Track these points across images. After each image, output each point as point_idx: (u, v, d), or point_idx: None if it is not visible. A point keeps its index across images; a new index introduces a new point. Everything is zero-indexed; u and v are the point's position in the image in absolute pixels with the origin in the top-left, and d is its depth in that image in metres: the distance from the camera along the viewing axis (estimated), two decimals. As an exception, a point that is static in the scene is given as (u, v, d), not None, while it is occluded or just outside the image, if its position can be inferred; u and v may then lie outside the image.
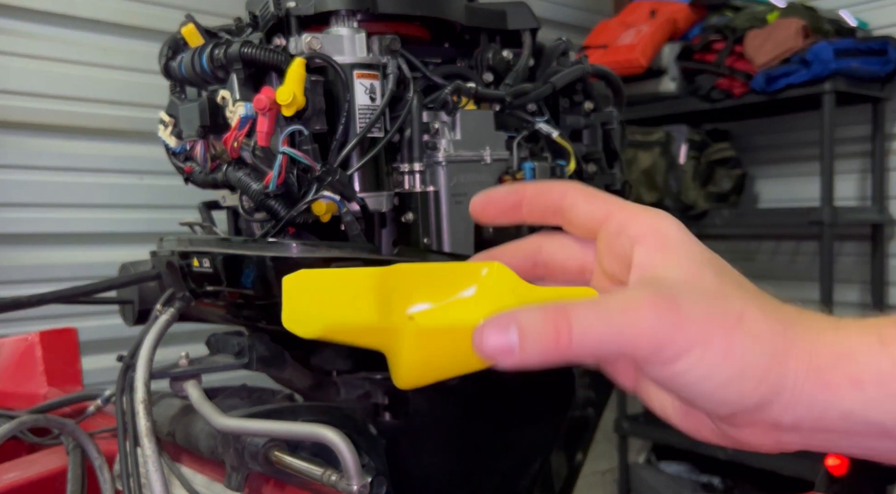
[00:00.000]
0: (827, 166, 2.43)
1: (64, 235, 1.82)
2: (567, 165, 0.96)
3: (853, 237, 2.83)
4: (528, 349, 0.33)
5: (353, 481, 0.66)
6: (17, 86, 1.73)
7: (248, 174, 0.79)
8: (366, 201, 0.80)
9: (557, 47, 1.00)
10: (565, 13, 3.10)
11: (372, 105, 0.80)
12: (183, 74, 0.86)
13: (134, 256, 1.11)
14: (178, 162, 0.90)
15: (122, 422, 0.77)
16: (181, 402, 0.86)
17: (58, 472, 0.84)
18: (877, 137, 2.70)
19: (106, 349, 1.55)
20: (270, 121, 0.77)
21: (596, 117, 1.02)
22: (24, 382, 1.06)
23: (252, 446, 0.72)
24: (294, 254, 0.74)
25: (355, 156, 0.80)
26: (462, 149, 0.86)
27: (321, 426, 0.70)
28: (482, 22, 0.93)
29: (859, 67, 2.42)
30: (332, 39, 0.80)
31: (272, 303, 0.77)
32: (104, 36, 1.86)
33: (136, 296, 0.97)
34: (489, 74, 0.93)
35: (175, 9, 1.85)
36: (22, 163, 1.76)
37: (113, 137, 1.88)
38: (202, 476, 0.82)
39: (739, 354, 0.33)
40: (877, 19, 2.70)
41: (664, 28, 2.75)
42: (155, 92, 1.19)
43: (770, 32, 2.50)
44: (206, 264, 0.81)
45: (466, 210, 0.90)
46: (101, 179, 1.87)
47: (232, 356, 0.87)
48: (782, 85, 2.47)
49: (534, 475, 0.98)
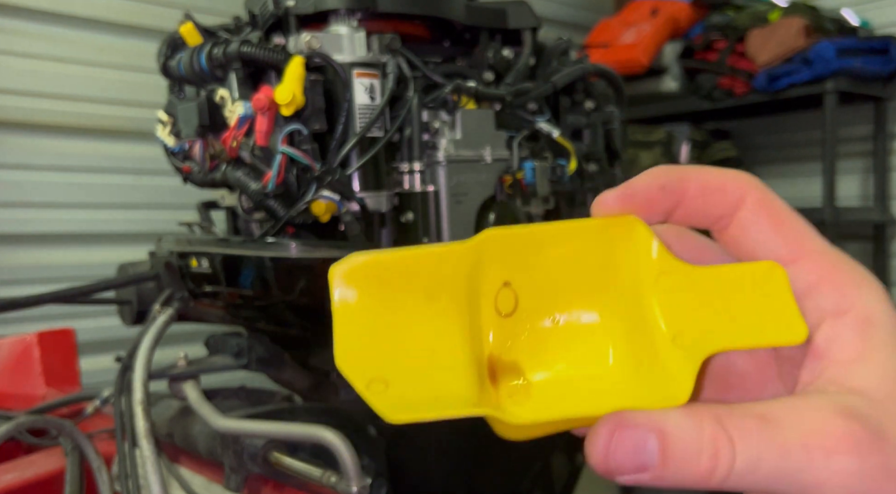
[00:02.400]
0: (829, 166, 2.42)
1: (61, 235, 1.82)
2: (568, 165, 0.96)
3: (855, 237, 2.83)
4: (670, 472, 0.24)
5: (352, 482, 0.66)
6: (14, 85, 1.73)
7: (247, 174, 0.79)
8: (365, 200, 0.80)
9: (558, 46, 1.00)
10: (566, 12, 3.09)
11: (371, 104, 0.80)
12: (181, 72, 0.86)
13: (132, 256, 1.11)
14: (177, 161, 0.90)
15: (121, 423, 0.76)
16: (180, 403, 0.86)
17: (56, 473, 0.83)
18: (879, 136, 2.69)
19: (104, 349, 1.54)
20: (269, 120, 0.76)
21: (597, 117, 1.02)
22: (21, 382, 1.06)
23: (251, 447, 0.72)
24: (293, 254, 0.74)
25: (355, 155, 0.79)
26: (462, 148, 0.86)
27: (320, 428, 0.69)
28: (482, 21, 0.92)
29: (861, 66, 2.42)
30: (332, 38, 0.79)
31: (271, 303, 0.77)
32: (102, 35, 1.85)
33: (134, 296, 0.97)
34: (489, 72, 0.93)
35: (174, 7, 1.85)
36: (19, 162, 1.76)
37: (111, 136, 1.87)
38: (201, 477, 0.82)
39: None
40: (879, 18, 2.69)
41: (665, 27, 2.74)
42: (153, 91, 1.18)
43: (772, 31, 2.50)
44: (204, 265, 0.81)
45: (466, 210, 0.90)
46: (98, 178, 1.87)
47: (231, 357, 0.86)
48: (784, 84, 2.46)
49: (534, 475, 0.97)
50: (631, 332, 0.30)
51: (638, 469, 0.25)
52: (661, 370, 0.28)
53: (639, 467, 0.24)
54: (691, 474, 0.24)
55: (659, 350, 0.28)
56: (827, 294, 0.27)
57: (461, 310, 0.29)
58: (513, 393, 0.30)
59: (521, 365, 0.31)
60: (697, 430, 0.24)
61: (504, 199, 0.90)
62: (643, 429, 0.24)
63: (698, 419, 0.25)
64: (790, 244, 0.28)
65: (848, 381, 0.26)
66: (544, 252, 0.30)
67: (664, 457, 0.24)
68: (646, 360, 0.29)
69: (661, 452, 0.24)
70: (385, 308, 0.28)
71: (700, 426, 0.24)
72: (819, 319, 0.27)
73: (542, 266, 0.30)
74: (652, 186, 0.29)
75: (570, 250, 0.30)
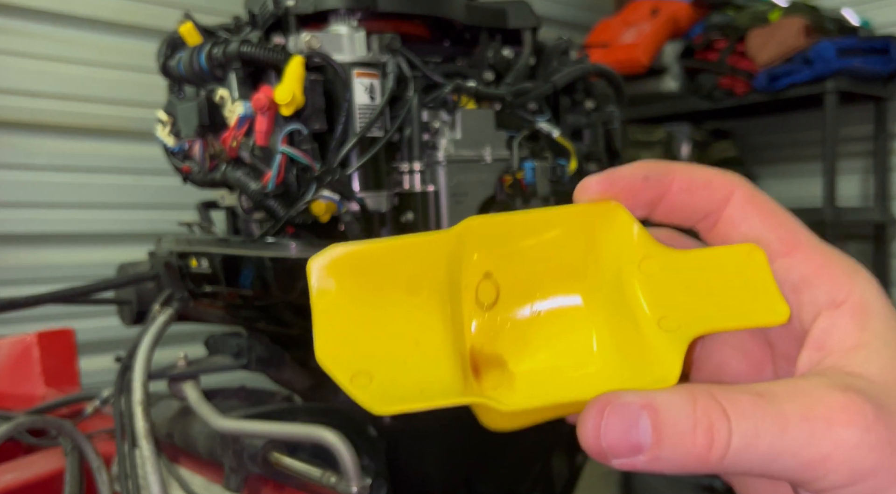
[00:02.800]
0: (829, 166, 2.42)
1: (60, 235, 1.82)
2: (568, 165, 0.96)
3: (856, 237, 2.83)
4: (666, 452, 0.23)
5: (352, 482, 0.66)
6: (13, 85, 1.72)
7: (247, 174, 0.79)
8: (365, 200, 0.80)
9: (558, 46, 1.00)
10: (566, 11, 3.09)
11: (371, 104, 0.79)
12: (181, 72, 0.86)
13: (132, 256, 1.11)
14: (177, 161, 0.90)
15: (120, 423, 0.76)
16: (180, 403, 0.85)
17: (55, 474, 0.83)
18: (879, 136, 2.69)
19: (104, 349, 1.54)
20: (269, 120, 0.76)
21: (597, 116, 1.02)
22: (21, 383, 1.06)
23: (251, 447, 0.72)
24: (293, 254, 0.74)
25: (355, 155, 0.79)
26: (462, 148, 0.86)
27: (320, 428, 0.69)
28: (482, 20, 0.92)
29: (862, 65, 2.41)
30: (332, 38, 0.79)
31: (271, 304, 0.77)
32: (101, 34, 1.85)
33: (133, 296, 0.97)
34: (490, 72, 0.93)
35: (173, 7, 1.85)
36: (18, 162, 1.75)
37: (110, 136, 1.87)
38: (201, 477, 0.82)
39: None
40: (879, 18, 2.69)
41: (666, 27, 2.74)
42: (153, 91, 1.18)
43: (772, 31, 2.50)
44: (204, 265, 0.81)
45: (466, 210, 0.90)
46: (98, 178, 1.87)
47: (231, 357, 0.86)
48: (784, 84, 2.46)
49: (535, 475, 0.97)
50: (614, 318, 0.30)
51: (633, 450, 0.24)
52: (648, 355, 0.27)
53: (633, 447, 0.23)
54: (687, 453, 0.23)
55: (644, 335, 0.28)
56: (822, 286, 0.27)
57: (443, 301, 0.29)
58: (496, 386, 0.30)
59: (503, 357, 0.30)
60: (690, 404, 0.23)
61: (504, 199, 0.90)
62: (634, 407, 0.24)
63: (690, 394, 0.24)
64: (782, 238, 0.28)
65: (847, 367, 0.25)
66: (525, 239, 0.29)
67: (658, 435, 0.23)
68: (631, 345, 0.28)
69: (655, 429, 0.23)
70: (366, 300, 0.28)
71: (693, 401, 0.24)
72: (815, 311, 0.27)
73: (524, 254, 0.30)
74: (636, 174, 0.28)
75: (551, 237, 0.30)
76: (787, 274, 0.28)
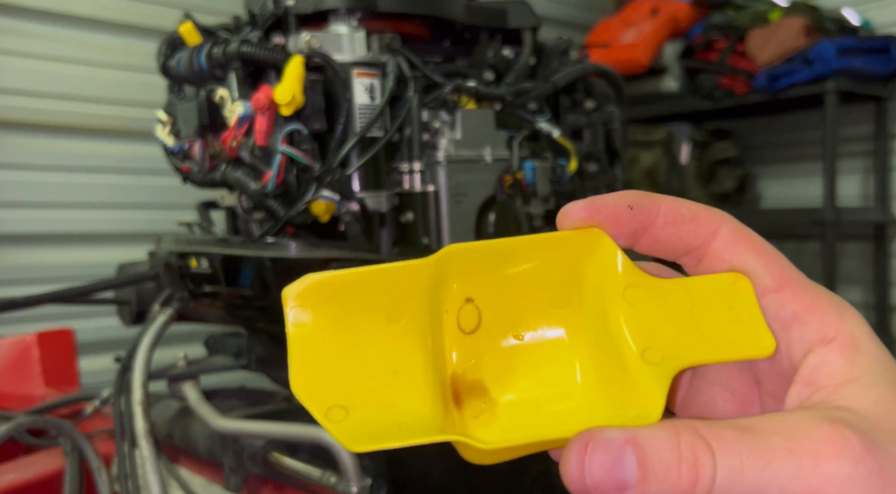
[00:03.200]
0: (829, 166, 2.42)
1: (60, 235, 1.82)
2: (568, 165, 0.96)
3: (856, 237, 2.82)
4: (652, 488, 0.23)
5: (352, 483, 0.65)
6: (13, 85, 1.72)
7: (247, 174, 0.79)
8: (365, 200, 0.80)
9: (558, 46, 1.00)
10: (566, 11, 3.09)
11: (371, 104, 0.79)
12: (181, 72, 0.86)
13: (132, 256, 1.11)
14: (177, 161, 0.90)
15: (120, 423, 0.76)
16: (179, 403, 0.85)
17: (55, 473, 0.83)
18: (880, 136, 2.69)
19: (104, 349, 1.54)
20: (269, 120, 0.76)
21: (597, 116, 1.01)
22: (21, 383, 1.06)
23: (251, 447, 0.72)
24: (293, 254, 0.74)
25: (355, 155, 0.79)
26: (462, 148, 0.86)
27: (320, 428, 0.69)
28: (482, 20, 0.92)
29: (862, 65, 2.41)
30: (332, 38, 0.79)
31: (271, 304, 0.77)
32: (102, 35, 1.85)
33: (133, 296, 0.97)
34: (490, 72, 0.93)
35: (173, 7, 1.85)
36: (18, 162, 1.75)
37: (111, 136, 1.87)
38: (200, 477, 0.82)
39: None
40: (880, 18, 2.69)
41: (666, 26, 2.74)
42: (153, 91, 1.18)
43: (772, 31, 2.50)
44: (204, 265, 0.81)
45: (466, 210, 0.90)
46: (98, 178, 1.86)
47: (231, 357, 0.86)
48: (785, 84, 2.46)
49: (535, 476, 0.97)
50: (598, 348, 0.29)
51: (618, 487, 0.23)
52: (631, 388, 0.27)
53: (619, 484, 0.23)
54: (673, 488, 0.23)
55: (628, 367, 0.27)
56: (812, 323, 0.27)
57: (423, 329, 0.28)
58: (478, 414, 0.29)
59: (485, 384, 0.29)
60: (674, 439, 0.23)
61: (504, 199, 0.90)
62: (618, 443, 0.23)
63: (674, 430, 0.24)
64: (773, 274, 0.28)
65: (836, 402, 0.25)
66: (507, 267, 0.29)
67: (643, 471, 0.23)
68: (614, 378, 0.28)
69: (640, 465, 0.23)
70: (343, 330, 0.27)
71: (677, 436, 0.24)
72: (805, 348, 0.27)
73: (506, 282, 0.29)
74: (620, 203, 0.28)
75: (534, 265, 0.29)
76: (777, 310, 0.27)
